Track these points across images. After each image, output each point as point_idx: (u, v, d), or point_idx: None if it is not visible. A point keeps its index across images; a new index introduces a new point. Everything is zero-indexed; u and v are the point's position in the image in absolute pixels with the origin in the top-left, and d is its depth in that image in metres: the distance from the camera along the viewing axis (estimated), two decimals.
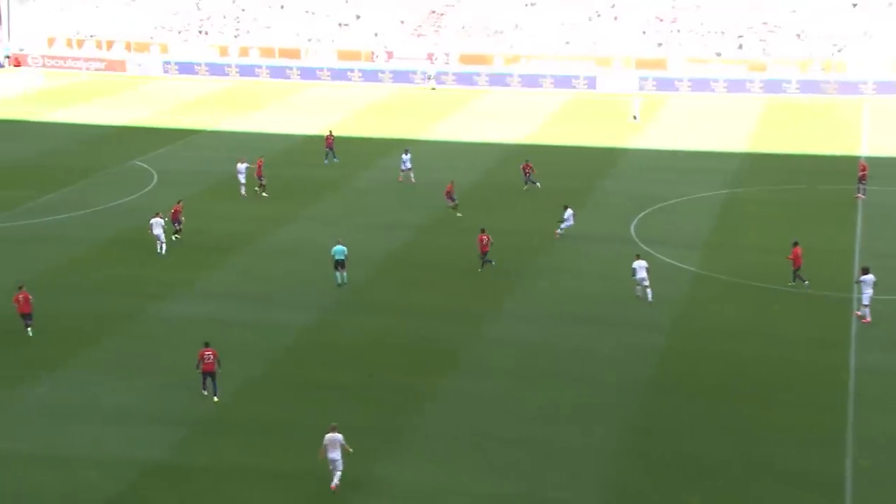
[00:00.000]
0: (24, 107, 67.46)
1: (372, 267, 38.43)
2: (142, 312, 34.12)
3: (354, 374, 29.86)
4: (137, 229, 42.22)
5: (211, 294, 35.96)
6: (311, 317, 33.99)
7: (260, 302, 35.21)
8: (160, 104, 69.31)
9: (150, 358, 30.79)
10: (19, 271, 37.19)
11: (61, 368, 30.05)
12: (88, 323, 33.17)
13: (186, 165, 52.34)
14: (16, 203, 45.75)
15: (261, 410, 28.02)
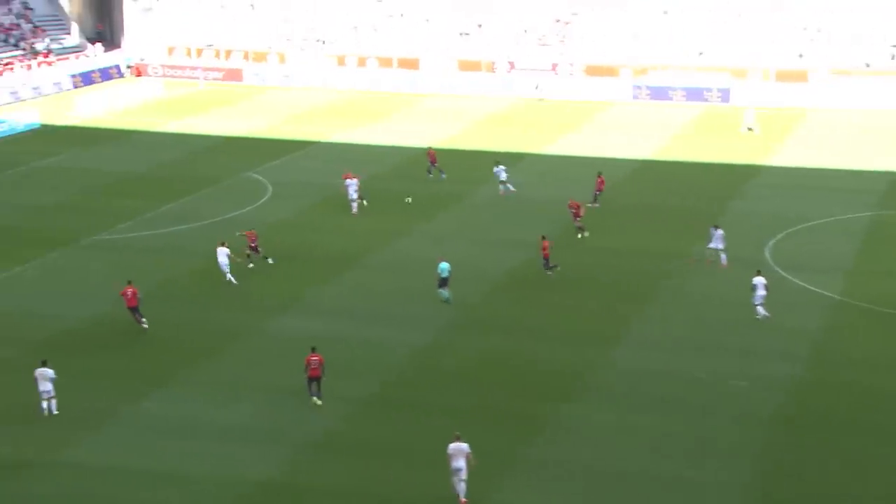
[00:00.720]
0: (144, 117, 70.56)
1: (487, 285, 38.88)
2: (254, 327, 35.37)
3: (467, 397, 30.33)
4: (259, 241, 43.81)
5: (322, 310, 36.97)
6: (424, 336, 34.65)
7: (371, 319, 36.05)
8: (276, 114, 71.45)
9: (260, 374, 31.85)
10: (135, 282, 38.96)
11: (172, 383, 31.43)
12: (201, 337, 34.60)
13: (300, 177, 53.97)
14: (134, 213, 47.97)
15: (371, 432, 28.66)
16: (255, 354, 33.33)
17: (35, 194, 51.44)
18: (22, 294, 38.22)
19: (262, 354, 33.36)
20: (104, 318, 36.11)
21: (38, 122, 67.09)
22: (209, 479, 26.39)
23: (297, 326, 35.34)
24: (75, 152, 60.19)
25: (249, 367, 32.41)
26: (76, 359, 32.98)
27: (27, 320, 35.81)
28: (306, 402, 29.90)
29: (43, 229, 45.85)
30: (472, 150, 60.30)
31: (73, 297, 37.60)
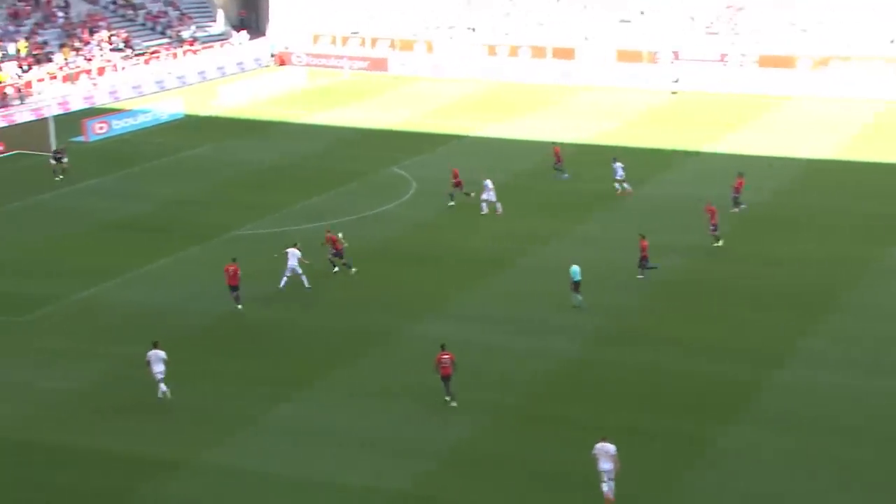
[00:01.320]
0: (287, 107, 72.36)
1: (640, 293, 38.35)
2: (395, 331, 35.70)
3: (618, 414, 29.90)
4: (395, 240, 44.39)
5: (465, 315, 37.05)
6: (571, 346, 34.34)
7: (517, 325, 35.94)
8: (422, 106, 72.15)
9: (400, 380, 32.08)
10: (274, 282, 40.01)
11: (310, 388, 31.97)
12: (341, 340, 35.12)
13: (446, 173, 54.37)
14: (276, 208, 49.17)
15: (513, 447, 28.55)
16: (396, 360, 33.64)
17: (177, 186, 53.34)
18: (162, 289, 39.63)
19: (403, 360, 33.65)
20: (244, 316, 37.09)
21: (181, 112, 69.62)
22: (342, 488, 26.76)
23: (439, 332, 35.39)
24: (218, 143, 62.17)
25: (389, 373, 32.73)
26: (214, 358, 33.99)
27: (165, 316, 37.09)
28: (447, 411, 30.03)
29: (184, 223, 47.47)
30: (629, 148, 59.46)
31: (211, 293, 38.72)
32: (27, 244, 44.69)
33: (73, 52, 77.18)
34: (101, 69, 76.26)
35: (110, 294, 39.10)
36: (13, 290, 39.64)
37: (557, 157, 54.12)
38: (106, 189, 52.94)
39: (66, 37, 79.34)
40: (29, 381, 32.28)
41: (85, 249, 43.97)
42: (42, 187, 52.71)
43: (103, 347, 34.36)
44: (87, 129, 63.26)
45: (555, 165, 53.89)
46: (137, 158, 58.61)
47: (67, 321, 36.77)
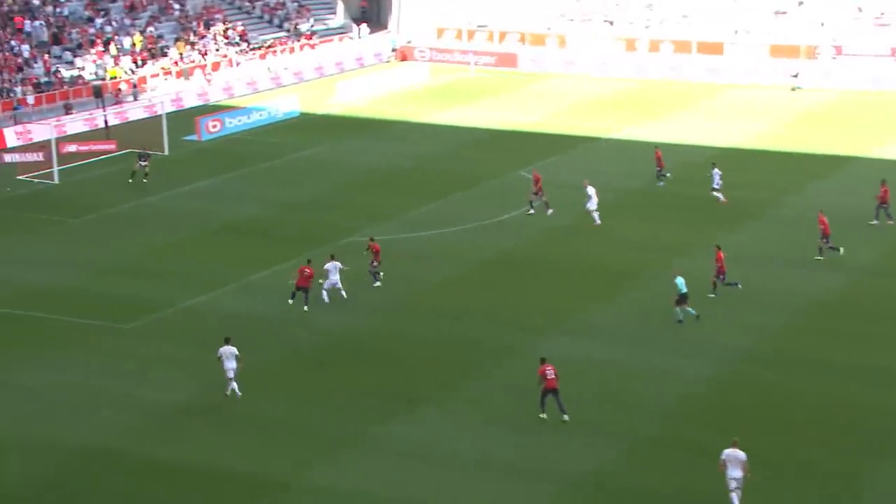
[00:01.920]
0: (408, 106, 73.14)
1: (784, 311, 37.69)
2: (516, 346, 35.68)
3: (766, 443, 29.22)
4: (517, 249, 44.44)
5: (592, 330, 36.85)
6: (713, 366, 33.85)
7: (648, 343, 35.58)
8: (554, 106, 72.05)
9: (523, 400, 31.99)
10: (387, 291, 40.63)
11: (425, 404, 32.18)
12: (456, 354, 35.25)
13: (578, 179, 54.20)
14: (396, 213, 49.70)
15: (647, 476, 28.26)
16: (519, 377, 33.57)
17: (292, 189, 54.46)
18: (273, 297, 40.48)
19: (523, 378, 33.59)
20: (354, 330, 37.64)
21: (297, 110, 71.08)
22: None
23: (568, 348, 35.36)
24: (335, 143, 63.24)
25: (511, 392, 32.72)
26: (324, 372, 34.59)
27: (281, 326, 37.91)
28: (573, 434, 29.94)
29: (298, 227, 48.39)
30: (782, 153, 58.37)
31: (325, 305, 39.38)
32: (136, 247, 46.15)
33: (188, 47, 79.61)
34: (216, 64, 78.46)
35: (219, 302, 40.11)
36: (120, 293, 40.99)
37: (659, 161, 53.35)
38: (218, 190, 54.39)
39: (181, 30, 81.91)
40: (131, 391, 33.30)
41: (194, 254, 45.24)
42: (154, 188, 54.41)
43: (209, 358, 35.21)
44: (200, 128, 65.11)
45: (658, 171, 53.21)
46: (251, 159, 60.06)
47: (173, 329, 37.84)
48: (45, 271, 43.33)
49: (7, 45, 72.45)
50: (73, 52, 75.09)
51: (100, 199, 53.08)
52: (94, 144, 60.16)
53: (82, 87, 70.75)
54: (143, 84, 73.80)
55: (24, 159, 56.58)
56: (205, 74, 77.03)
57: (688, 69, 78.94)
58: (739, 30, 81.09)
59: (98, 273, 43.18)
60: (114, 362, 35.26)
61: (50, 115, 66.71)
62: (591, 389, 32.41)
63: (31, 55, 72.33)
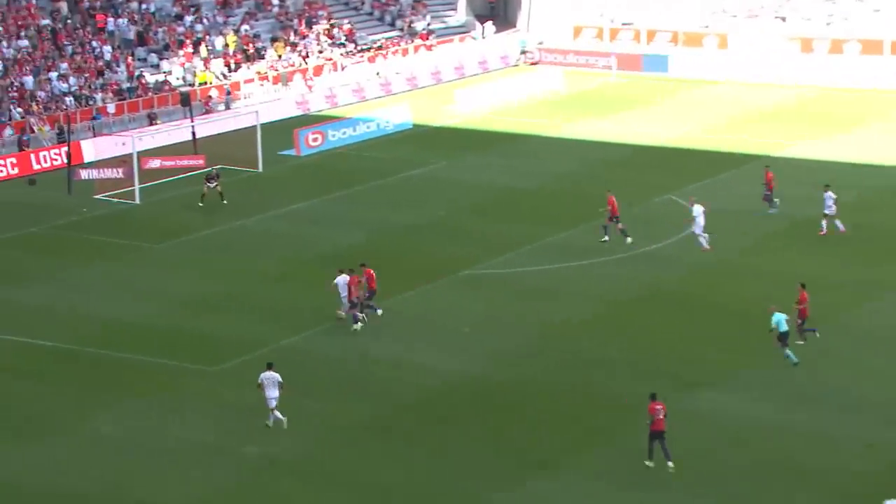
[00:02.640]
0: (540, 117, 73.09)
1: None
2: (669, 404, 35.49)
3: None
4: (664, 286, 44.11)
5: (759, 387, 36.33)
6: None
7: (841, 406, 35.04)
8: (711, 118, 71.42)
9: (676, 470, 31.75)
10: (505, 333, 40.77)
11: (557, 468, 32.03)
12: (591, 409, 35.09)
13: (738, 204, 53.63)
14: (523, 241, 49.72)
15: None
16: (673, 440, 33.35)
17: (403, 212, 54.93)
18: (381, 338, 40.90)
19: (675, 439, 33.32)
20: (473, 377, 37.76)
21: (409, 122, 71.83)
22: None
23: (724, 406, 35.01)
24: (453, 160, 63.59)
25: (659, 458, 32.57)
26: (439, 426, 34.69)
27: (384, 371, 38.25)
28: None
29: (413, 255, 48.73)
30: None
31: (443, 346, 39.63)
32: (224, 277, 47.00)
33: (288, 48, 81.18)
34: (319, 68, 79.83)
35: (316, 342, 40.62)
36: (206, 330, 41.79)
37: (769, 183, 52.58)
38: (318, 213, 55.18)
39: (279, 29, 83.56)
40: (219, 443, 33.85)
41: (289, 286, 45.85)
42: (246, 210, 55.46)
43: (310, 407, 35.68)
44: (300, 141, 66.26)
45: (765, 194, 52.59)
46: (356, 177, 60.83)
47: None
48: (126, 304, 44.44)
49: (88, 45, 74.82)
50: (159, 53, 77.18)
51: (185, 221, 54.39)
52: (180, 160, 61.60)
53: (168, 93, 72.67)
54: (236, 91, 75.45)
55: (103, 176, 58.28)
56: (305, 80, 78.42)
57: (877, 74, 77.45)
58: None
59: (182, 306, 44.13)
60: (198, 409, 35.93)
61: (132, 126, 68.64)
62: (757, 461, 31.93)
63: (112, 57, 74.57)
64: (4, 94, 67.58)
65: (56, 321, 42.90)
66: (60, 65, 71.64)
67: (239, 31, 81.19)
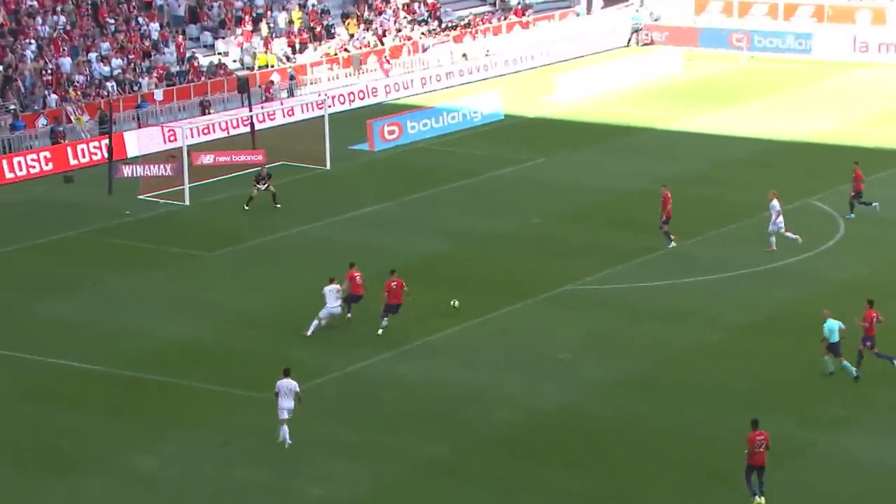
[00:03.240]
0: (655, 107, 72.96)
1: None
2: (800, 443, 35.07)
3: None
4: (802, 307, 43.66)
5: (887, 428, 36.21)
6: None
7: None
8: (864, 107, 71.31)
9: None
10: (618, 360, 40.68)
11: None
12: (712, 452, 34.86)
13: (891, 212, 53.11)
14: (630, 252, 49.65)
15: None
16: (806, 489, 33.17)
17: (494, 216, 54.84)
18: (462, 363, 40.91)
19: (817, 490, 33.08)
20: (572, 410, 37.71)
21: (501, 112, 71.89)
22: None
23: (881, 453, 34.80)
24: (552, 157, 63.51)
25: None
26: (520, 464, 34.60)
27: (464, 402, 38.23)
28: None
29: (504, 268, 48.61)
30: None
31: (535, 375, 39.69)
32: (284, 290, 47.06)
33: (361, 26, 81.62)
34: (396, 49, 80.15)
35: (392, 368, 40.66)
36: (265, 352, 41.74)
37: (858, 182, 52.57)
38: (393, 217, 55.31)
39: (352, 4, 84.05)
40: (282, 484, 33.88)
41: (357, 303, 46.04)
42: (311, 213, 55.78)
43: (381, 443, 35.77)
44: (374, 134, 66.55)
45: (853, 198, 52.66)
46: (438, 176, 60.99)
47: (333, 403, 38.44)
48: (173, 321, 44.80)
49: (133, 22, 75.72)
50: (213, 32, 77.98)
51: (241, 226, 54.83)
52: (236, 154, 61.96)
53: (224, 78, 73.37)
54: (302, 76, 75.98)
55: (149, 173, 58.75)
56: (381, 63, 78.77)
57: None
58: None
59: (236, 324, 44.40)
60: (255, 445, 36.03)
61: (182, 116, 69.43)
62: None
63: (161, 37, 75.41)
64: (38, 78, 68.53)
65: (94, 339, 43.28)
66: (101, 45, 72.60)
67: (305, 6, 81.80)
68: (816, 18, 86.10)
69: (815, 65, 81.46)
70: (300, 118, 69.64)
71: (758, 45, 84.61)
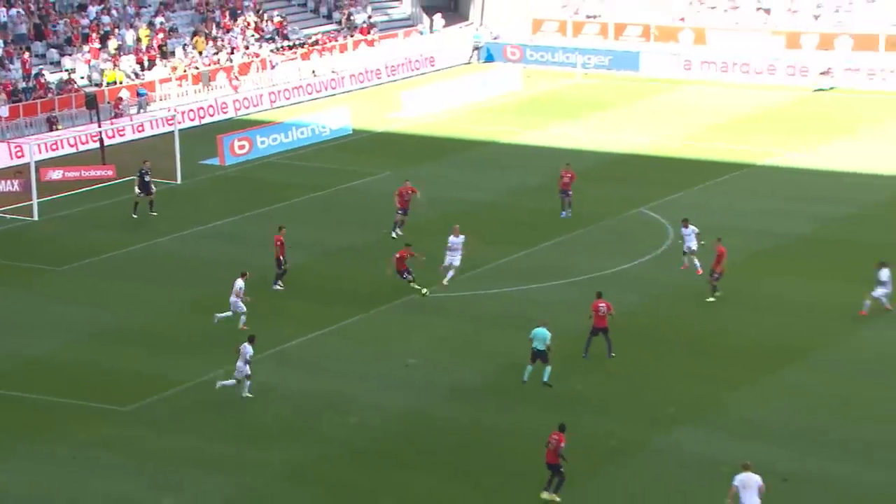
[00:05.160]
0: (495, 122, 73.16)
1: None
2: (638, 441, 35.60)
3: None
4: (636, 313, 44.09)
5: (747, 424, 36.64)
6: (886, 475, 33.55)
7: (817, 444, 35.30)
8: (688, 122, 71.87)
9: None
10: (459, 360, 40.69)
11: None
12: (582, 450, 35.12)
13: (716, 219, 53.80)
14: (477, 262, 49.23)
15: None
16: (639, 486, 33.47)
17: (340, 230, 54.69)
18: (315, 371, 40.75)
19: (650, 486, 33.39)
20: (423, 416, 37.71)
21: (349, 127, 71.68)
22: None
23: (708, 447, 35.16)
24: (398, 170, 63.36)
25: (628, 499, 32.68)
26: (396, 471, 34.48)
27: (321, 411, 37.95)
28: None
29: (349, 281, 48.49)
30: None
31: (384, 380, 39.51)
32: (136, 304, 46.52)
33: (210, 43, 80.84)
34: (245, 66, 79.54)
35: None
36: (116, 365, 41.31)
37: (564, 184, 54.75)
38: (243, 232, 54.78)
39: (200, 22, 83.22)
40: (137, 496, 33.37)
41: (210, 314, 45.43)
42: (161, 227, 55.11)
43: (235, 452, 35.38)
44: (224, 149, 65.92)
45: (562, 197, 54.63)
46: (287, 190, 60.52)
47: (187, 413, 37.97)
48: (23, 337, 43.94)
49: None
50: (60, 49, 76.60)
51: (91, 240, 53.91)
52: (85, 170, 61.08)
53: (72, 94, 72.06)
54: (151, 92, 75.00)
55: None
56: (230, 79, 78.14)
57: (868, 75, 78.12)
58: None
59: (89, 338, 43.71)
60: (108, 457, 35.45)
61: (29, 132, 68.04)
62: None
63: (5, 53, 73.87)
64: None
65: None
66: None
67: (153, 23, 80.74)
68: (644, 38, 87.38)
69: (643, 82, 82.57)
70: (150, 133, 68.68)
71: (592, 63, 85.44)
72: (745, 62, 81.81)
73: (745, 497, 29.42)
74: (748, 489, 29.40)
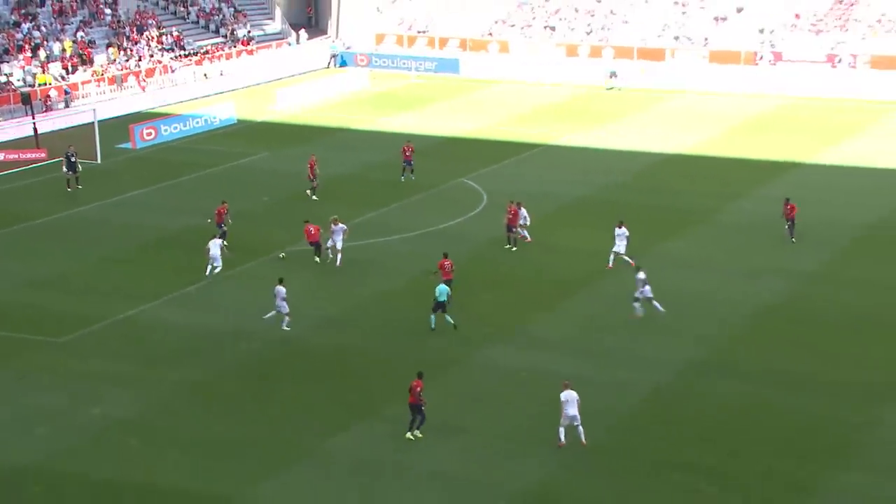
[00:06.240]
0: (349, 113, 72.72)
1: (737, 323, 37.86)
2: (462, 358, 35.62)
3: (710, 453, 29.52)
4: (461, 259, 44.26)
5: (545, 343, 36.83)
6: (661, 377, 33.97)
7: (599, 355, 35.72)
8: (497, 112, 72.13)
9: (468, 413, 32.02)
10: (324, 304, 40.33)
11: (369, 418, 31.82)
12: (403, 368, 34.69)
13: (521, 186, 54.21)
14: (347, 219, 49.28)
15: (594, 485, 28.38)
16: (464, 389, 33.52)
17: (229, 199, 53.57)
18: (211, 310, 40.00)
19: (472, 390, 33.51)
20: (298, 341, 37.33)
21: (234, 118, 70.44)
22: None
23: (512, 360, 35.36)
24: (275, 151, 62.70)
25: (457, 404, 32.66)
26: (266, 385, 34.15)
27: (216, 339, 37.31)
28: (518, 446, 29.87)
29: (236, 238, 47.70)
30: (726, 159, 58.96)
31: (264, 313, 39.11)
32: (67, 259, 45.40)
33: (121, 52, 78.61)
34: (150, 70, 77.56)
35: (155, 315, 39.51)
36: (52, 307, 40.28)
37: (407, 156, 54.85)
38: (152, 201, 53.65)
39: (113, 35, 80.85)
40: (70, 408, 32.63)
41: (127, 266, 44.44)
42: (85, 198, 53.65)
43: (148, 373, 34.71)
44: (135, 135, 64.30)
45: (404, 166, 55.19)
46: (186, 168, 59.39)
47: (109, 343, 37.21)
48: None
49: None
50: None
51: (28, 209, 52.24)
52: (22, 153, 59.21)
53: (10, 93, 69.52)
54: (75, 91, 72.72)
55: None
56: (139, 81, 76.15)
57: (630, 75, 79.24)
58: (681, 36, 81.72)
59: (28, 286, 42.48)
60: (46, 378, 34.58)
61: None
62: (534, 401, 32.33)
63: None
64: None
65: None
66: None
67: (75, 37, 78.22)
68: (462, 48, 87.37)
69: (462, 82, 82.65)
70: (75, 124, 66.61)
71: (423, 67, 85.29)
72: (537, 67, 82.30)
73: (567, 408, 29.68)
74: (569, 402, 29.70)
